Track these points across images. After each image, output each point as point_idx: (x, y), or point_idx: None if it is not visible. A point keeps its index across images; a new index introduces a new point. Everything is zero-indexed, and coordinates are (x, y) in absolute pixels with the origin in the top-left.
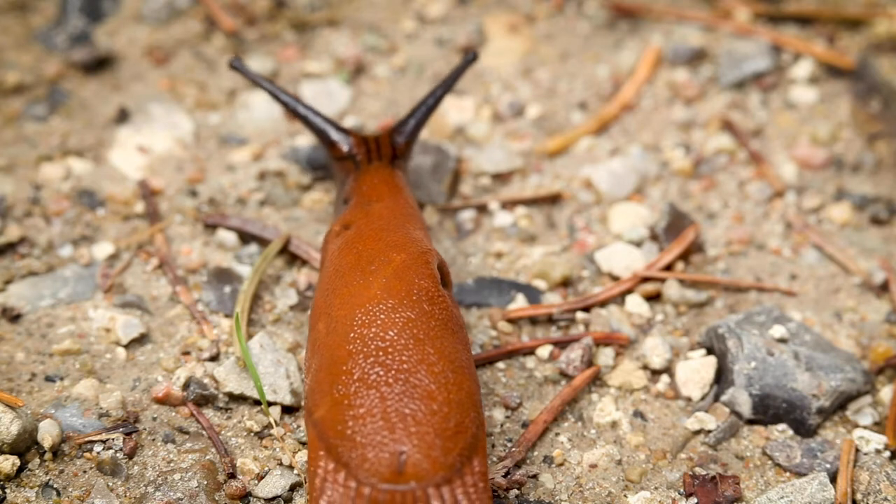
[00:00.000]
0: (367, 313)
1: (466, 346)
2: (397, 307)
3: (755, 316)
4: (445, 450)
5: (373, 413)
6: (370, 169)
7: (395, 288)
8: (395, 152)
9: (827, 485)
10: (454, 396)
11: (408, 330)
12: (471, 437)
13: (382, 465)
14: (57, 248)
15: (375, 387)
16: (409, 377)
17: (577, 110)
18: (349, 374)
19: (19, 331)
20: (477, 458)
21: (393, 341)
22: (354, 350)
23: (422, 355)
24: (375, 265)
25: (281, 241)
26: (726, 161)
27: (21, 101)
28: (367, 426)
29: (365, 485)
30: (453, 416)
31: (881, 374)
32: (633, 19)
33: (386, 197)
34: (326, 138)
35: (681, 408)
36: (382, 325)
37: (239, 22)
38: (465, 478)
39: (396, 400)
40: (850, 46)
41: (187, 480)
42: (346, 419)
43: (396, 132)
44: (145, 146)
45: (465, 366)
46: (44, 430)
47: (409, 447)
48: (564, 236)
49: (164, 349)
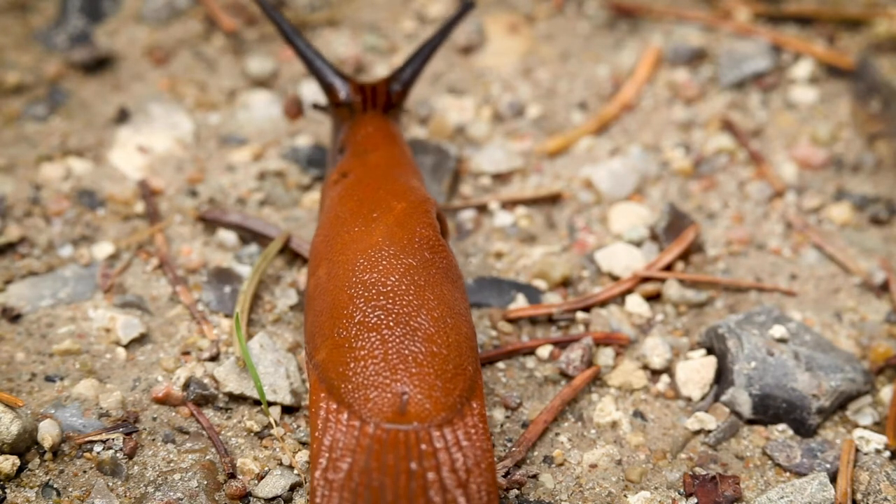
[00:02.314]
0: (369, 259)
1: (464, 295)
2: (399, 254)
3: (755, 316)
4: (446, 391)
5: (374, 355)
6: (364, 118)
7: (396, 235)
8: (391, 100)
9: (827, 485)
10: (453, 340)
11: (409, 276)
12: (469, 380)
13: (385, 405)
14: (57, 248)
15: (376, 329)
16: (409, 320)
17: (577, 110)
18: (350, 317)
19: (19, 331)
20: (475, 400)
21: (394, 286)
22: (356, 294)
23: (422, 301)
24: (377, 213)
25: (281, 241)
26: (726, 161)
27: (21, 101)
28: (368, 367)
29: (368, 423)
30: (452, 359)
31: (881, 374)
32: (633, 19)
33: (381, 146)
34: (325, 83)
35: (681, 408)
36: (384, 271)
37: (239, 22)
38: (465, 419)
39: (397, 342)
40: (850, 46)
41: (187, 480)
42: (347, 361)
43: (393, 80)
44: (145, 146)
45: (462, 313)
46: (44, 430)
47: (411, 388)
48: (564, 236)
49: (164, 349)
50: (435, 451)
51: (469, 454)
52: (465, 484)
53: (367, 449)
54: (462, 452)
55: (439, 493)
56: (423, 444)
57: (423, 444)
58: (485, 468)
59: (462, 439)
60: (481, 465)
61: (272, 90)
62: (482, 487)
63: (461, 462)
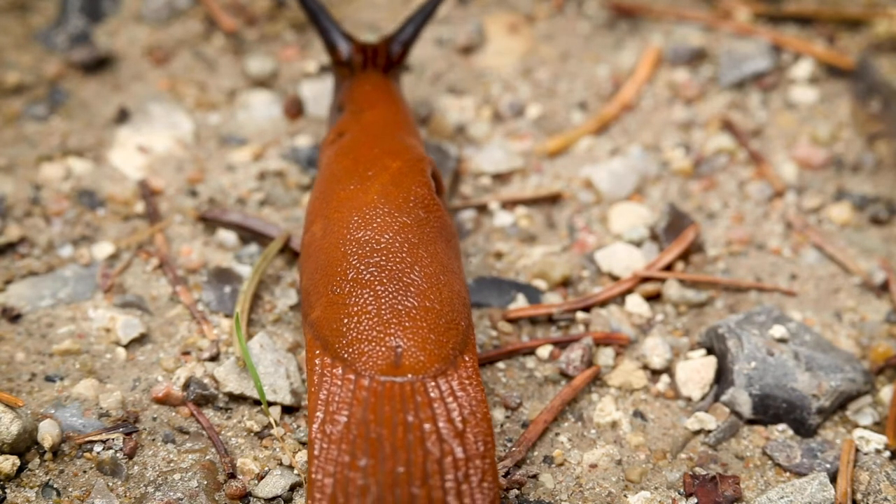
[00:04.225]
0: (364, 217)
1: (458, 255)
2: (393, 212)
3: (755, 316)
4: (439, 343)
5: (367, 310)
6: (363, 76)
7: (391, 194)
8: (390, 60)
9: (827, 485)
10: (446, 296)
11: (403, 234)
12: (462, 334)
13: (379, 359)
14: (57, 248)
15: (369, 286)
16: (402, 277)
17: (577, 110)
18: (344, 274)
19: (19, 331)
20: (468, 353)
21: (388, 244)
22: (350, 252)
23: (415, 258)
24: (372, 171)
25: (281, 240)
26: (726, 161)
27: (21, 101)
28: (362, 323)
29: (363, 377)
30: (445, 314)
31: (881, 374)
32: (633, 19)
33: (379, 104)
34: (329, 40)
35: (681, 408)
36: (378, 229)
37: (239, 22)
38: (459, 370)
39: (390, 297)
40: (850, 46)
41: (187, 480)
42: (341, 317)
43: (393, 40)
44: (145, 146)
45: (456, 271)
46: (44, 430)
47: (404, 341)
48: (564, 236)
49: (164, 349)
50: (430, 401)
51: (465, 404)
52: (461, 434)
53: (363, 402)
54: (457, 402)
55: (436, 444)
56: (419, 396)
57: (419, 395)
58: (480, 418)
59: (457, 389)
60: (477, 414)
61: (272, 90)
62: (479, 437)
63: (457, 412)
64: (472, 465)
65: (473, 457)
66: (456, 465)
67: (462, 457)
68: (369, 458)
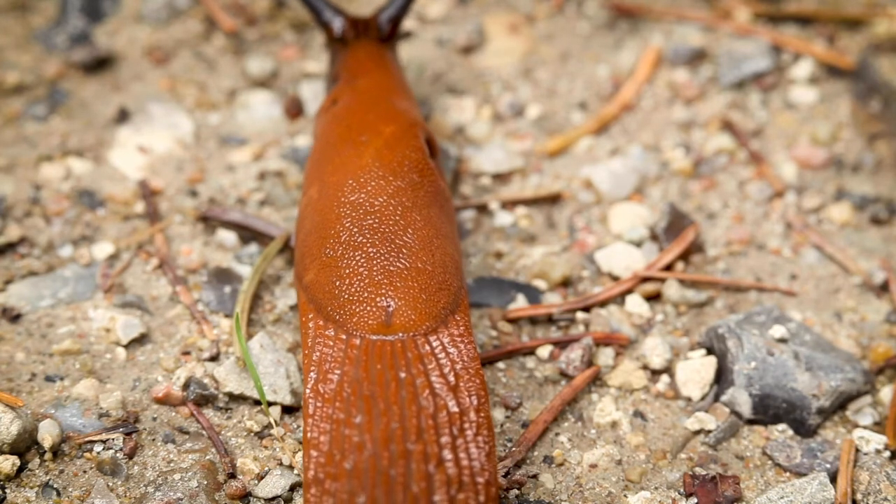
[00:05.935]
0: (358, 180)
1: (451, 218)
2: (387, 176)
3: (755, 316)
4: (430, 303)
5: (359, 272)
6: (356, 45)
7: (385, 158)
8: (381, 33)
9: (827, 485)
10: (438, 258)
11: (396, 198)
12: (454, 295)
13: (370, 318)
14: (57, 248)
15: (362, 248)
16: (395, 239)
17: (577, 110)
18: (337, 236)
19: (19, 331)
20: (460, 313)
21: (381, 207)
22: (343, 214)
23: (408, 221)
24: (366, 136)
25: (281, 240)
26: (726, 161)
27: (21, 101)
28: (353, 284)
29: (355, 336)
30: (437, 275)
31: (881, 374)
32: (633, 19)
33: (372, 71)
34: (320, 19)
35: (681, 408)
36: (372, 192)
37: (239, 22)
38: (450, 328)
39: (382, 259)
40: (850, 46)
41: (187, 480)
42: (333, 280)
43: (383, 12)
44: (145, 146)
45: (448, 234)
46: (44, 430)
47: (396, 301)
48: (564, 236)
49: (164, 349)
50: (421, 356)
51: (457, 359)
52: (454, 388)
53: (355, 360)
54: (449, 358)
55: (430, 399)
56: (410, 352)
57: (410, 352)
58: (473, 373)
59: (448, 346)
60: (469, 370)
61: (272, 90)
62: (472, 391)
63: (449, 367)
64: (467, 419)
65: (467, 410)
66: (450, 419)
67: (456, 410)
68: (364, 415)
